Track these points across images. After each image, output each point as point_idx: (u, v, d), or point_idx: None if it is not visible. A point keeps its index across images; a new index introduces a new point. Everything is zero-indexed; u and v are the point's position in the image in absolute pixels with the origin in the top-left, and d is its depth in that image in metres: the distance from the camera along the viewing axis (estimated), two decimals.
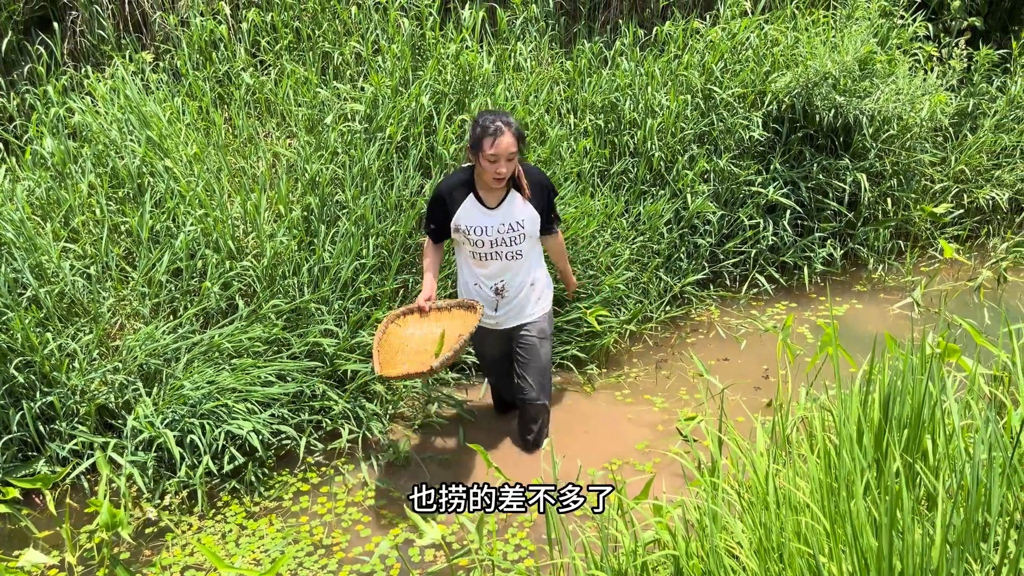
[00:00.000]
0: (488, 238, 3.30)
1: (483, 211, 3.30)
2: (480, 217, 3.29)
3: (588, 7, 5.70)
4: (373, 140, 4.40)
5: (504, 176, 3.18)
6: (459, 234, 3.34)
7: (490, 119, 3.15)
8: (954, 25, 5.93)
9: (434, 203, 3.34)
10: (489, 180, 3.20)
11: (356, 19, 5.04)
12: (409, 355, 3.22)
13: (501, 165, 3.14)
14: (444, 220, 3.33)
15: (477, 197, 3.29)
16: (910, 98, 5.09)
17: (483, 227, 3.30)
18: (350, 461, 3.61)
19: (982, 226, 5.68)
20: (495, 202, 3.32)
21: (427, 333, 3.33)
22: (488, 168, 3.15)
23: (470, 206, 3.29)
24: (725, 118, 5.04)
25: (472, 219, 3.29)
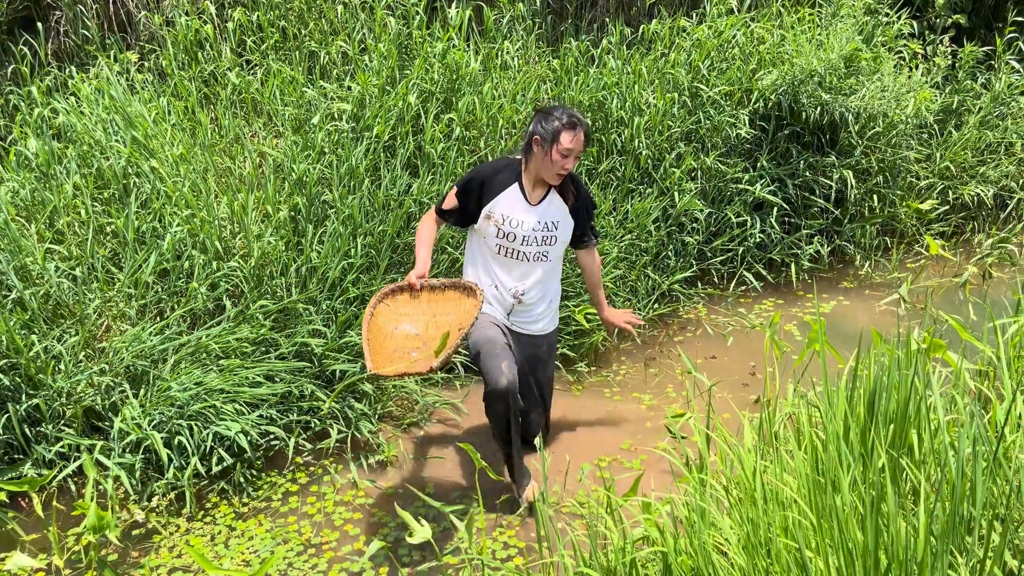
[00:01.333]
0: (521, 232, 3.15)
1: (524, 204, 3.17)
2: (519, 210, 3.16)
3: (575, 6, 5.71)
4: (360, 139, 4.39)
5: (568, 173, 3.11)
6: (489, 221, 3.16)
7: (568, 113, 3.05)
8: (939, 22, 5.97)
9: (470, 184, 3.17)
10: (552, 175, 3.09)
11: (342, 18, 5.02)
12: (399, 344, 3.00)
13: (571, 161, 3.06)
14: (476, 204, 3.16)
15: (521, 189, 3.17)
16: (895, 95, 5.12)
17: (520, 220, 3.15)
18: (339, 461, 3.60)
19: (967, 222, 5.73)
20: (537, 199, 3.20)
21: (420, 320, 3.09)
22: (558, 162, 3.05)
23: (512, 195, 3.16)
24: (712, 116, 5.05)
25: (510, 209, 3.15)
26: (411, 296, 3.09)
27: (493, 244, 3.20)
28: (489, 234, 3.18)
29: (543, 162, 3.07)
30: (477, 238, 3.26)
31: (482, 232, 3.21)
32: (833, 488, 1.68)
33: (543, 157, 3.06)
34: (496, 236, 3.17)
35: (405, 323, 3.08)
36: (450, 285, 3.14)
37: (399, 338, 3.02)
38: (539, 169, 3.11)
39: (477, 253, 3.29)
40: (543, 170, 3.09)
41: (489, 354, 3.05)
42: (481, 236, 3.23)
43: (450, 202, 3.22)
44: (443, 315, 3.07)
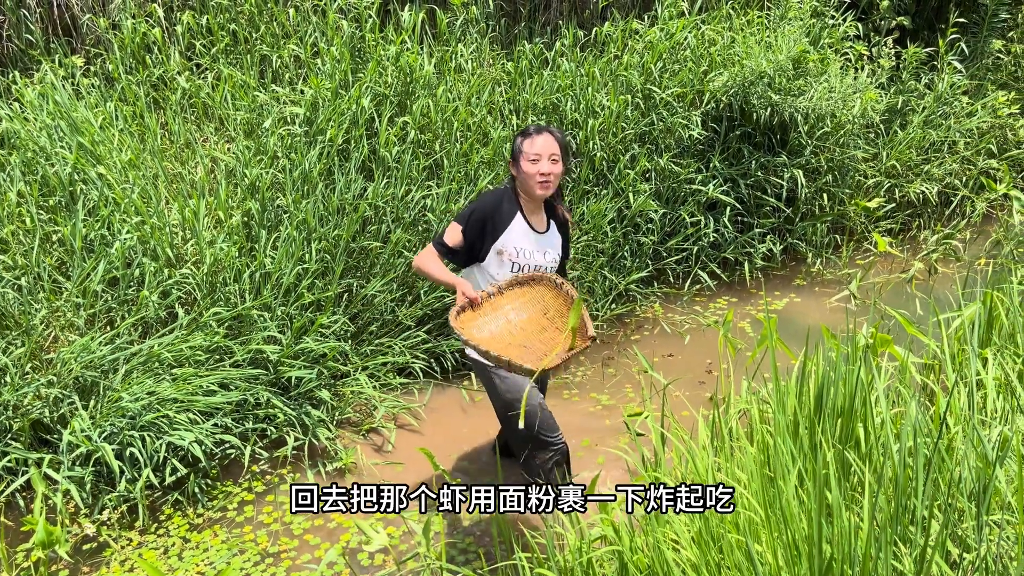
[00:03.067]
0: (532, 263, 2.98)
1: (534, 235, 3.00)
2: (529, 241, 2.98)
3: (528, 8, 5.73)
4: (314, 143, 4.36)
5: (550, 179, 2.92)
6: (502, 256, 2.96)
7: (528, 126, 3.02)
8: (883, 24, 6.11)
9: (475, 222, 2.93)
10: (534, 187, 2.91)
11: (294, 22, 4.98)
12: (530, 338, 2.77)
13: (544, 163, 2.89)
14: (483, 241, 2.95)
15: (525, 218, 2.99)
16: (842, 96, 5.23)
17: (531, 251, 2.98)
18: (296, 469, 3.56)
19: (913, 219, 5.87)
20: (543, 226, 3.04)
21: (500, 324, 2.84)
22: (531, 172, 2.89)
23: (520, 228, 2.97)
24: (665, 117, 5.11)
25: (521, 241, 2.96)
26: (475, 311, 2.83)
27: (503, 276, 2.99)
28: (504, 268, 2.99)
29: (521, 179, 2.95)
30: (482, 274, 3.04)
31: (491, 267, 3.00)
32: (783, 482, 1.71)
33: (519, 174, 2.95)
34: (512, 270, 2.98)
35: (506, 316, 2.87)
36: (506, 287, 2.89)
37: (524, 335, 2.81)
38: (524, 189, 2.97)
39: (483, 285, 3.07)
40: (526, 188, 2.95)
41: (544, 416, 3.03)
42: (489, 271, 3.01)
43: (454, 238, 2.96)
44: (516, 312, 2.88)
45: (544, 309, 2.86)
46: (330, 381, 3.90)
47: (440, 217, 4.26)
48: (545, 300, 2.88)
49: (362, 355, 4.03)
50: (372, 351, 4.07)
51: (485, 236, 2.94)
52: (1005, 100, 6.04)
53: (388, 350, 4.08)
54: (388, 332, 4.17)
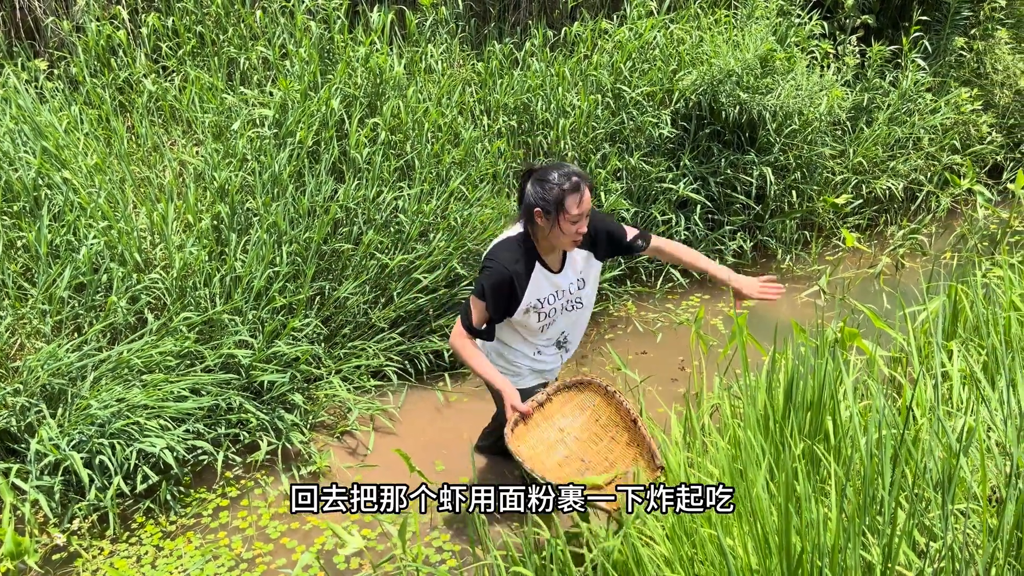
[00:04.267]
0: (558, 303, 2.86)
1: (551, 279, 2.83)
2: (549, 286, 2.83)
3: (498, 9, 5.73)
4: (283, 145, 4.33)
5: (584, 234, 2.74)
6: (530, 313, 2.83)
7: (565, 173, 2.66)
8: (848, 23, 6.19)
9: (495, 294, 2.74)
10: (568, 244, 2.75)
11: (262, 23, 4.94)
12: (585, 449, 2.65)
13: (583, 223, 2.70)
14: (509, 304, 2.78)
15: (543, 264, 2.81)
16: (809, 94, 5.30)
17: (554, 294, 2.84)
18: (270, 473, 3.54)
19: (880, 215, 5.95)
20: (559, 264, 2.86)
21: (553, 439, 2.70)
22: (569, 231, 2.68)
23: (539, 277, 2.79)
24: (635, 117, 5.14)
25: (542, 291, 2.81)
26: (526, 424, 2.66)
27: (536, 326, 2.89)
28: (531, 322, 2.87)
29: (553, 234, 2.71)
30: (509, 328, 2.93)
31: (520, 323, 2.88)
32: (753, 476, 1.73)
33: (551, 229, 2.69)
34: (538, 320, 2.87)
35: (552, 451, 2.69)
36: (553, 392, 2.75)
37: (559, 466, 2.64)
38: (550, 240, 2.75)
39: (509, 338, 2.96)
40: (555, 241, 2.75)
41: None
42: (518, 327, 2.90)
43: (480, 318, 2.79)
44: (568, 419, 2.74)
45: (596, 416, 2.72)
46: (303, 384, 3.87)
47: (412, 218, 4.25)
48: (596, 405, 2.75)
49: (335, 358, 4.01)
50: (345, 354, 4.05)
51: (511, 300, 2.77)
52: (968, 97, 6.15)
53: (362, 353, 4.07)
54: (361, 335, 4.15)
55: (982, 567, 1.44)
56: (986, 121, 6.25)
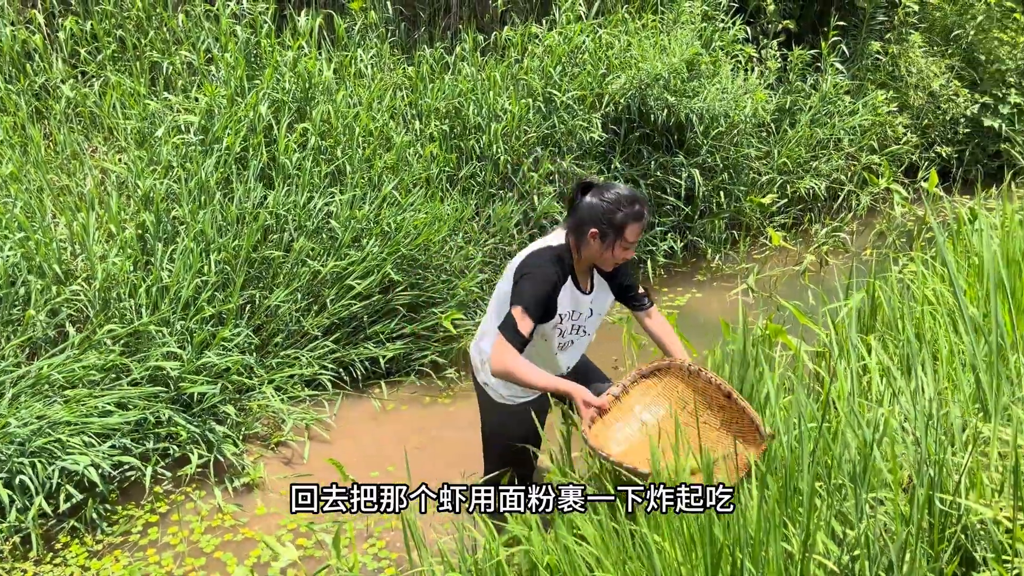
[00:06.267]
0: (572, 323, 2.80)
1: (579, 296, 2.78)
2: (575, 302, 2.77)
3: (428, 13, 5.73)
4: (210, 152, 4.24)
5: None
6: (554, 327, 2.76)
7: (629, 198, 2.62)
8: (771, 27, 6.37)
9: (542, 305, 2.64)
10: (610, 265, 2.72)
11: (185, 27, 4.84)
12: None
13: (632, 250, 2.70)
14: (546, 316, 2.70)
15: (574, 280, 2.76)
16: (734, 97, 5.43)
17: (573, 312, 2.77)
18: (202, 486, 3.47)
19: (805, 214, 6.14)
20: (589, 286, 2.82)
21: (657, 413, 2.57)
22: (619, 256, 2.66)
23: (568, 294, 2.74)
24: (566, 120, 5.19)
25: (568, 305, 2.75)
26: (603, 419, 2.53)
27: (554, 344, 2.82)
28: (551, 337, 2.80)
29: (602, 255, 2.67)
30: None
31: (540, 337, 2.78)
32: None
33: (602, 251, 2.65)
34: (557, 336, 2.80)
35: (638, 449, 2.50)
36: (630, 383, 2.63)
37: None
38: (593, 259, 2.72)
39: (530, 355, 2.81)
40: (599, 261, 2.72)
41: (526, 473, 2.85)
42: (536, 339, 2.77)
43: (527, 327, 2.62)
44: (649, 411, 2.59)
45: (682, 403, 2.57)
46: (235, 396, 3.80)
47: (344, 224, 4.22)
48: (680, 391, 2.60)
49: (268, 368, 3.95)
50: (278, 363, 3.99)
51: (548, 309, 2.70)
52: (884, 99, 6.39)
53: (295, 362, 4.01)
54: (294, 343, 4.10)
55: (895, 553, 1.50)
56: (902, 122, 6.51)
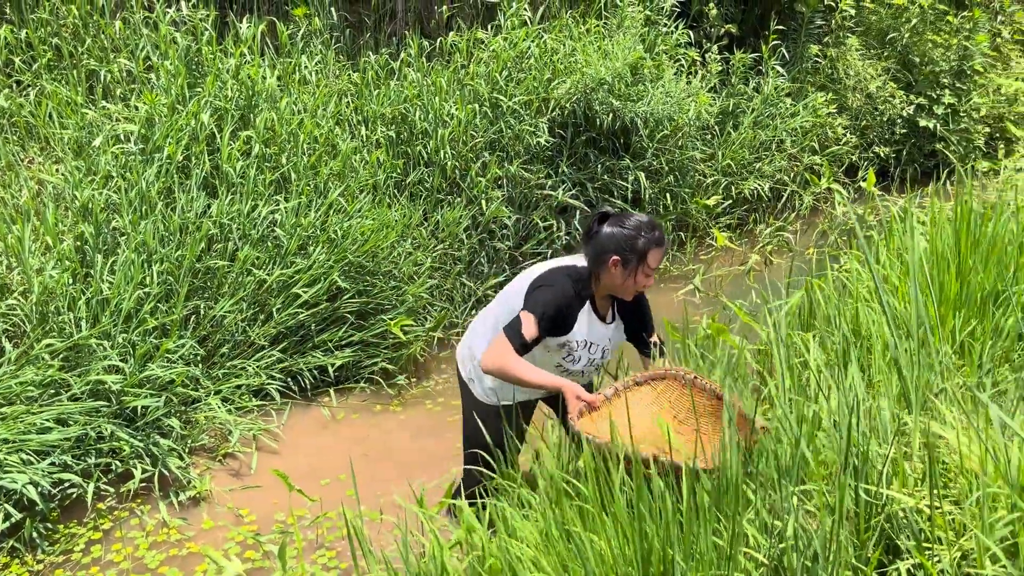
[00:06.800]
0: (591, 356, 2.76)
1: (599, 325, 2.74)
2: (593, 332, 2.73)
3: (374, 19, 5.72)
4: (151, 161, 4.18)
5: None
6: (560, 348, 2.72)
7: (649, 225, 2.63)
8: (713, 32, 6.49)
9: (556, 310, 2.62)
10: (630, 294, 2.70)
11: (123, 35, 4.76)
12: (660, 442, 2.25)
13: (652, 278, 2.68)
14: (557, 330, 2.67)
15: (594, 308, 2.73)
16: (678, 100, 5.52)
17: (593, 345, 2.75)
18: (147, 501, 3.41)
19: (750, 214, 6.26)
20: (610, 316, 2.77)
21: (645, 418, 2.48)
22: (641, 283, 2.65)
23: (586, 319, 2.71)
24: (513, 125, 5.22)
25: (585, 334, 2.72)
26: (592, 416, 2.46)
27: (554, 362, 2.77)
28: (554, 357, 2.76)
29: (623, 283, 2.66)
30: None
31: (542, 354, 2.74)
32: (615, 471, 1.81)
33: (624, 279, 2.65)
34: (563, 359, 2.76)
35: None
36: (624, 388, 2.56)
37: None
38: (614, 288, 2.70)
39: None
40: (619, 289, 2.70)
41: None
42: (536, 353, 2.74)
43: (532, 333, 2.60)
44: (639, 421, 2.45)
45: (672, 411, 2.52)
46: (180, 408, 3.75)
47: (290, 232, 4.19)
48: (673, 400, 2.55)
49: (214, 379, 3.91)
50: (225, 374, 3.94)
51: (562, 326, 2.67)
52: (823, 101, 6.55)
53: (242, 372, 3.97)
54: (241, 353, 4.05)
55: (819, 543, 1.55)
56: (841, 123, 6.68)
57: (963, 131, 7.19)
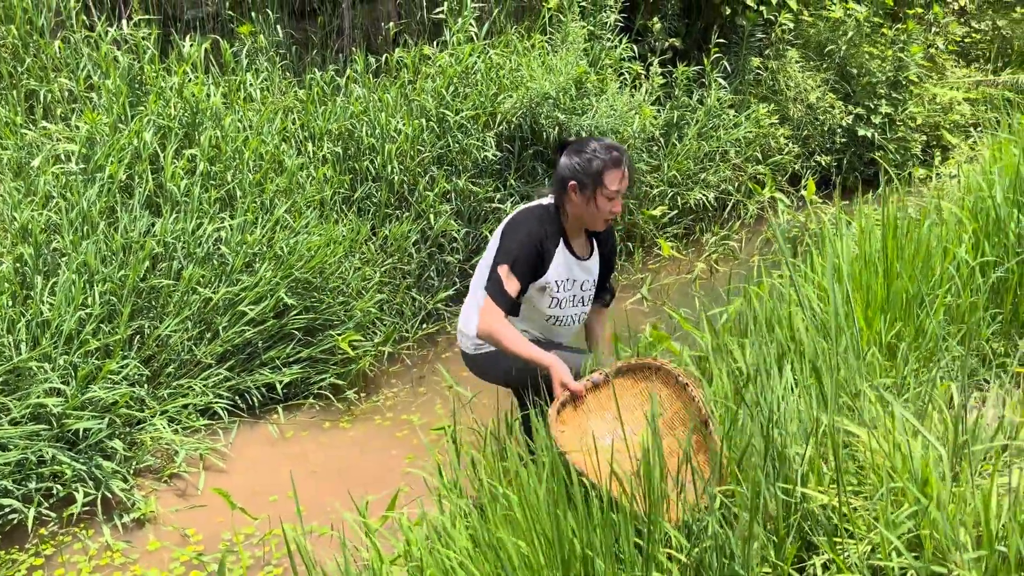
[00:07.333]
0: (571, 294, 2.67)
1: (575, 262, 2.66)
2: (568, 270, 2.65)
3: (321, 36, 5.74)
4: (92, 181, 4.15)
5: (616, 215, 2.63)
6: (544, 293, 2.62)
7: (605, 146, 2.55)
8: (658, 46, 6.62)
9: (527, 262, 2.52)
10: (599, 223, 2.62)
11: (64, 55, 4.72)
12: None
13: (618, 203, 2.59)
14: (536, 273, 2.57)
15: (568, 246, 2.66)
16: (621, 113, 5.62)
17: (572, 281, 2.66)
18: (90, 525, 3.37)
19: (696, 224, 6.38)
20: (586, 251, 2.71)
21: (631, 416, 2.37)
22: (604, 208, 2.56)
23: (562, 258, 2.63)
24: (460, 140, 5.27)
25: (562, 273, 2.63)
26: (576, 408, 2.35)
27: (546, 312, 2.69)
28: (540, 303, 2.66)
29: (586, 210, 2.58)
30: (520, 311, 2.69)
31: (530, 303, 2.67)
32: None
33: (585, 204, 2.57)
34: (549, 307, 2.66)
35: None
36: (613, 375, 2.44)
37: None
38: (580, 217, 2.62)
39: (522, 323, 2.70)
40: (587, 218, 2.62)
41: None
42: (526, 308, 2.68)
43: (515, 285, 2.51)
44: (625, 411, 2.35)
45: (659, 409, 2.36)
46: (124, 429, 3.71)
47: (235, 250, 4.18)
48: (660, 399, 2.42)
49: (159, 399, 3.88)
50: (171, 393, 3.92)
51: (538, 267, 2.57)
52: (765, 112, 6.71)
53: (188, 391, 3.95)
54: (187, 372, 4.03)
55: (735, 541, 1.61)
56: (783, 133, 6.84)
57: (900, 139, 7.42)
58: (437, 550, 1.86)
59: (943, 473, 1.61)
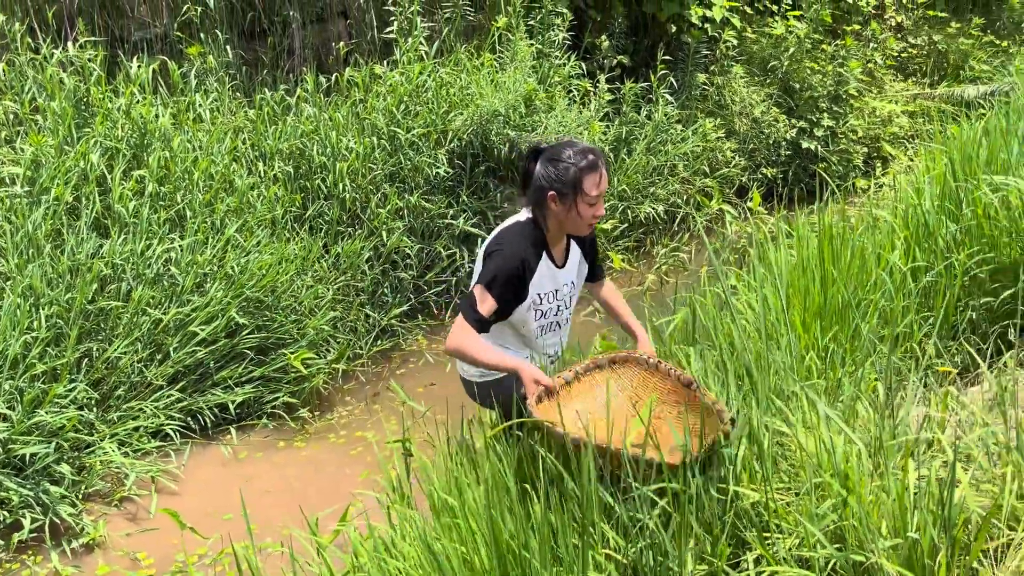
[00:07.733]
0: (555, 303, 2.67)
1: (554, 272, 2.65)
2: (552, 280, 2.64)
3: (271, 56, 5.76)
4: (38, 203, 4.11)
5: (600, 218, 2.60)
6: (529, 311, 2.62)
7: (580, 150, 2.51)
8: (606, 63, 6.75)
9: (506, 284, 2.50)
10: (583, 228, 2.59)
11: (8, 77, 4.67)
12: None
13: (601, 206, 2.56)
14: (517, 297, 2.56)
15: (550, 256, 2.64)
16: (570, 129, 5.72)
17: (554, 291, 2.65)
18: (38, 551, 3.33)
19: (646, 236, 6.49)
20: (563, 257, 2.69)
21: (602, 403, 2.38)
22: (586, 214, 2.52)
23: (544, 269, 2.61)
24: (412, 157, 5.32)
25: (546, 285, 2.62)
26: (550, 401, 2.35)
27: (534, 328, 2.68)
28: (528, 320, 2.65)
29: (568, 218, 2.55)
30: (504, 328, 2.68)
31: (520, 322, 2.66)
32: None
33: (567, 212, 2.53)
34: (536, 319, 2.65)
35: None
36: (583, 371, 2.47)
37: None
38: (563, 225, 2.59)
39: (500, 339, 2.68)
40: (570, 226, 2.59)
41: None
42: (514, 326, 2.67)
43: (488, 307, 2.49)
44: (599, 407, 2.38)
45: (633, 397, 2.44)
46: (73, 454, 3.67)
47: (185, 270, 4.17)
48: (634, 386, 2.47)
49: (109, 422, 3.84)
50: (121, 416, 3.88)
51: (519, 292, 2.56)
52: (712, 126, 6.87)
53: (139, 413, 3.92)
54: (137, 394, 4.00)
55: (668, 540, 1.67)
56: (730, 147, 7.01)
57: (843, 151, 7.64)
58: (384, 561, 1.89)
59: (864, 467, 1.69)
